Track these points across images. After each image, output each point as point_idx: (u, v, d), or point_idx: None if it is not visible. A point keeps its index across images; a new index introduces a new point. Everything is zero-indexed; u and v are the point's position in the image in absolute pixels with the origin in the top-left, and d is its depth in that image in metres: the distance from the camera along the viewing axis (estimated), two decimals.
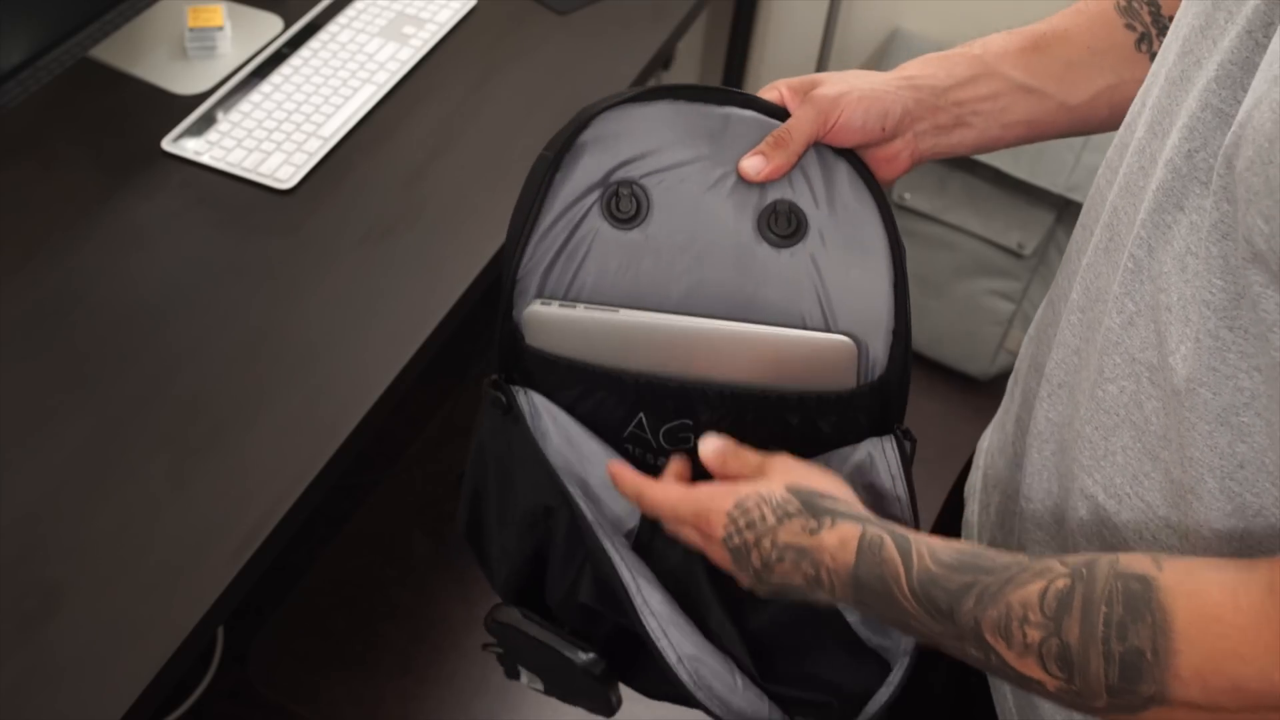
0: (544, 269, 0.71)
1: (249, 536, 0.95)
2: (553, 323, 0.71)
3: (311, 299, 1.13)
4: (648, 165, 0.70)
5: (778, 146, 0.69)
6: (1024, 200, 1.93)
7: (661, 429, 0.74)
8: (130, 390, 1.04)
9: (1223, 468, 0.54)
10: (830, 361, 0.71)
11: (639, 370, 0.71)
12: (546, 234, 0.70)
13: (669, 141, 0.70)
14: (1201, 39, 0.56)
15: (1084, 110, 0.74)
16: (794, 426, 0.72)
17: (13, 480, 0.97)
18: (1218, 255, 0.52)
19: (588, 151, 0.70)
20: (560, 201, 0.70)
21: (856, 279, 0.70)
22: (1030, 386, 0.73)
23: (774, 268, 0.70)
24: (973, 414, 0.93)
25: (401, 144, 1.30)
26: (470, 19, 1.47)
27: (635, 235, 0.70)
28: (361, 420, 1.04)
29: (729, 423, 0.72)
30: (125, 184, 1.22)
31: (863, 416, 0.72)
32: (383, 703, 1.68)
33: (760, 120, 0.70)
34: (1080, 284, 0.65)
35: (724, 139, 0.70)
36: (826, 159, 0.70)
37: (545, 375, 0.73)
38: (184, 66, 1.36)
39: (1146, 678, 0.52)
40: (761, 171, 0.69)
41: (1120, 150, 0.64)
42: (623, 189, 0.70)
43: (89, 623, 0.89)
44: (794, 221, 0.70)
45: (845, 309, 0.70)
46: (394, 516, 1.89)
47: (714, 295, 0.70)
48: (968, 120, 0.73)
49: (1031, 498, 0.70)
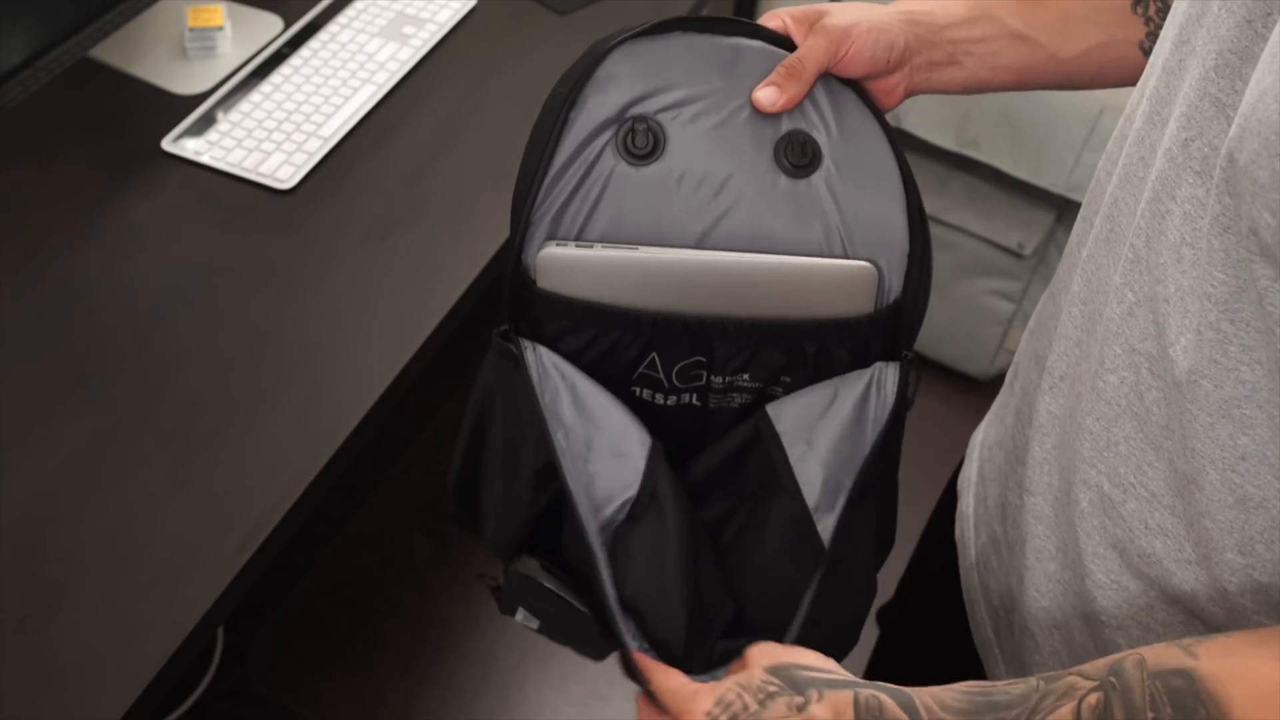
0: (557, 210, 0.69)
1: (249, 536, 0.95)
2: (569, 264, 0.69)
3: (311, 299, 1.13)
4: (662, 101, 0.69)
5: (791, 77, 0.69)
6: (1024, 200, 1.93)
7: (675, 368, 0.73)
8: (130, 390, 1.04)
9: (1224, 459, 0.54)
10: (851, 288, 0.71)
11: (656, 309, 0.70)
12: (561, 174, 0.69)
13: (681, 76, 0.69)
14: (1197, 27, 0.56)
15: (1074, 65, 0.75)
16: (810, 355, 0.72)
17: (13, 480, 0.97)
18: (1219, 248, 0.52)
19: (600, 88, 0.69)
20: (573, 140, 0.69)
21: (871, 205, 0.70)
22: (1031, 379, 0.73)
23: (791, 198, 0.70)
24: (973, 414, 0.93)
25: (401, 144, 1.30)
26: (470, 19, 1.47)
27: (652, 171, 0.69)
28: (361, 420, 1.04)
29: (746, 354, 0.72)
30: (125, 184, 1.22)
31: (876, 341, 0.72)
32: (383, 703, 1.68)
33: (769, 50, 0.70)
34: (1081, 275, 0.65)
35: (735, 71, 0.70)
36: (834, 89, 0.71)
37: (557, 319, 0.71)
38: (184, 66, 1.36)
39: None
40: (777, 102, 0.69)
41: (1120, 141, 0.65)
42: (638, 125, 0.69)
43: (89, 622, 0.89)
44: (809, 151, 0.70)
45: (862, 235, 0.70)
46: (394, 516, 1.89)
47: (732, 229, 0.70)
48: (959, 59, 0.74)
49: (1033, 491, 0.70)
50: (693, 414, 0.75)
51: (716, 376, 0.73)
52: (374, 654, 1.73)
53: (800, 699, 0.60)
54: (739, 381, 0.74)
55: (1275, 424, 0.52)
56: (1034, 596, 0.72)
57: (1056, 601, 0.70)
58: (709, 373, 0.73)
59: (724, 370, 0.73)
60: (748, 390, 0.74)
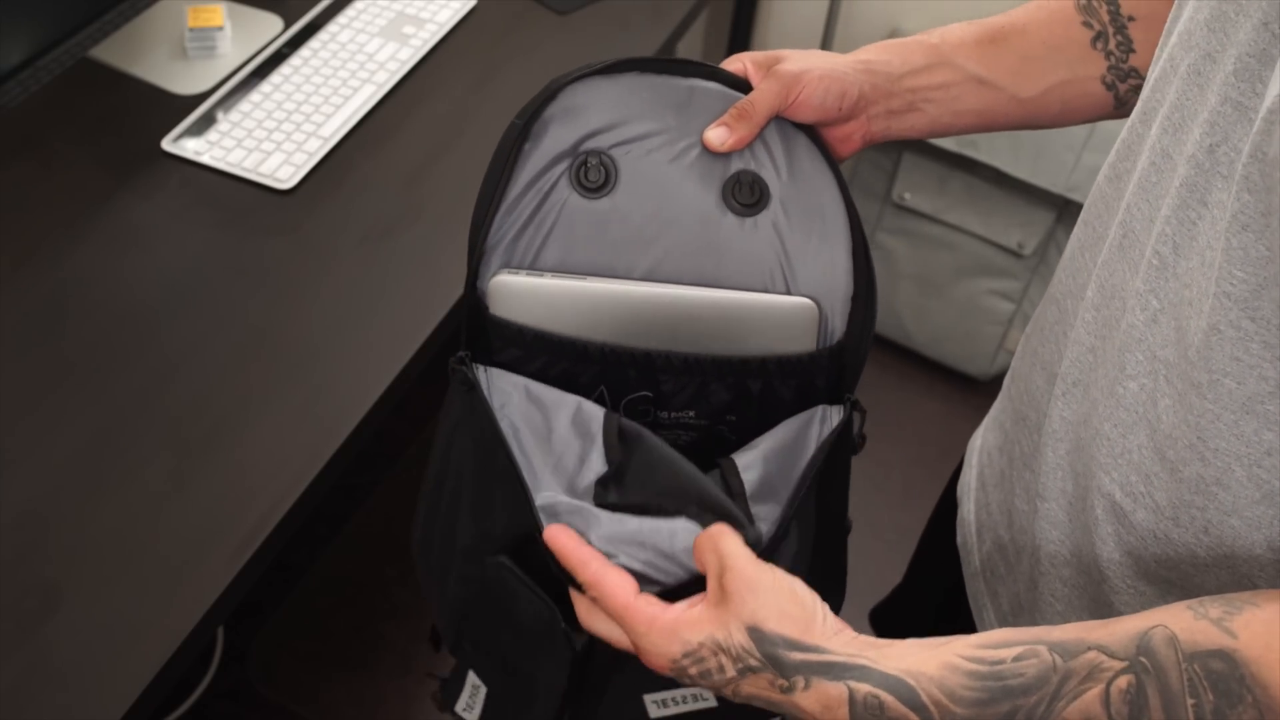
0: (511, 238, 0.71)
1: (249, 536, 0.95)
2: (520, 292, 0.71)
3: (311, 299, 1.13)
4: (615, 136, 0.71)
5: (741, 118, 0.70)
6: (1024, 200, 1.93)
7: (623, 400, 0.75)
8: (130, 390, 1.04)
9: (1250, 455, 0.55)
10: (793, 323, 0.72)
11: (604, 340, 0.72)
12: (516, 203, 0.71)
13: (636, 113, 0.71)
14: (1209, 33, 0.56)
15: (1035, 104, 0.76)
16: (754, 393, 0.74)
17: (13, 480, 0.97)
18: (1237, 247, 0.52)
19: (556, 121, 0.71)
20: (529, 170, 0.71)
21: (816, 246, 0.72)
22: (1036, 385, 0.73)
23: (738, 236, 0.72)
24: (973, 414, 0.94)
25: (401, 144, 1.30)
26: (470, 19, 1.47)
27: (603, 204, 0.71)
28: (361, 420, 1.04)
29: (691, 390, 0.73)
30: (125, 184, 1.22)
31: (820, 381, 0.74)
32: (383, 703, 1.68)
33: (724, 92, 0.72)
34: (1096, 282, 0.65)
35: (689, 110, 0.72)
36: (786, 131, 0.72)
37: (508, 346, 0.73)
38: (184, 66, 1.36)
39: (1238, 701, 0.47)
40: (726, 142, 0.70)
41: (1129, 148, 0.64)
42: (591, 159, 0.71)
43: (89, 623, 0.89)
44: (757, 191, 0.72)
45: (806, 275, 0.72)
46: (394, 516, 1.89)
47: (680, 264, 0.72)
48: (920, 106, 0.75)
49: (1046, 497, 0.70)
50: None
51: (663, 412, 0.75)
52: (374, 654, 1.73)
53: (784, 682, 0.56)
54: (685, 418, 0.75)
55: None
56: (1049, 602, 0.72)
57: (1072, 606, 0.70)
58: (655, 408, 0.74)
59: (669, 406, 0.74)
60: (694, 428, 0.76)
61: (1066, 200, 1.91)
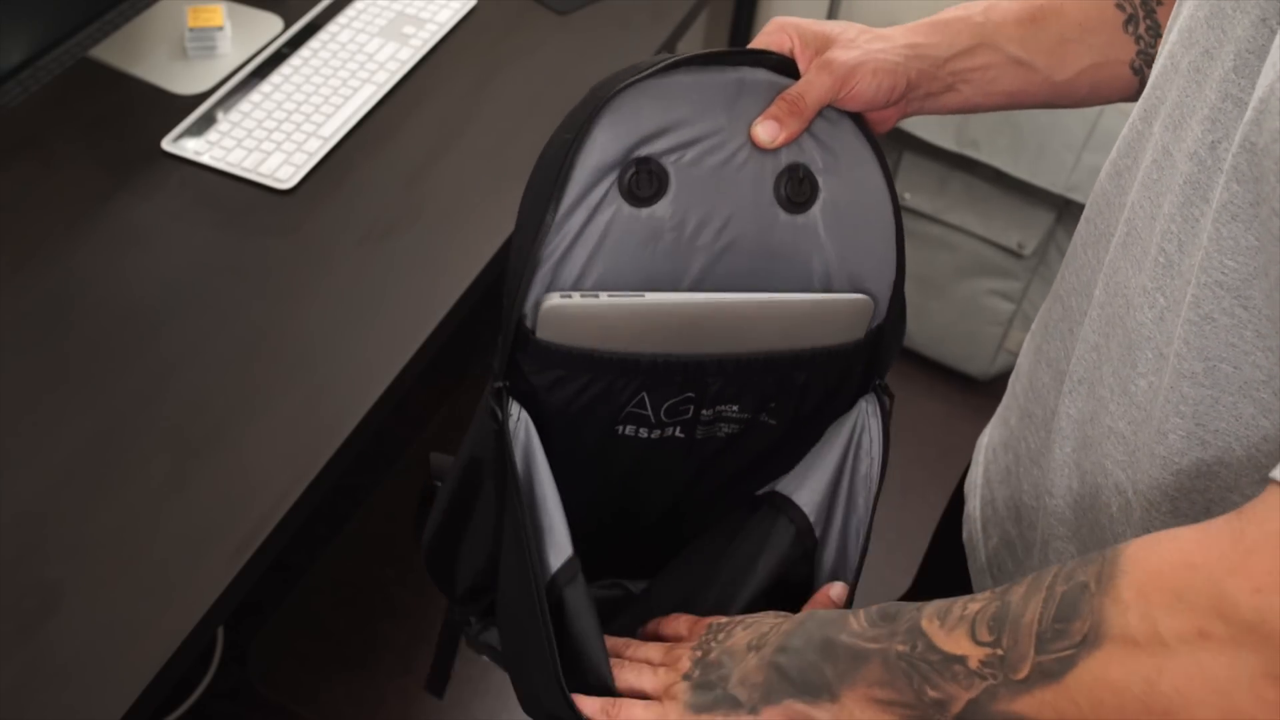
0: (558, 259, 0.68)
1: (249, 536, 0.95)
2: (573, 315, 0.68)
3: (311, 299, 1.13)
4: (666, 142, 0.68)
5: (792, 113, 0.69)
6: (1024, 200, 1.93)
7: (664, 405, 0.73)
8: (130, 390, 1.04)
9: (1249, 437, 0.55)
10: (846, 319, 0.72)
11: (654, 352, 0.70)
12: (564, 221, 0.67)
13: (686, 115, 0.68)
14: (1208, 30, 0.56)
15: (1066, 86, 0.76)
16: (798, 384, 0.74)
17: (13, 480, 0.97)
18: (1228, 237, 0.52)
19: (604, 130, 0.67)
20: (577, 185, 0.67)
21: (865, 237, 0.71)
22: (1043, 383, 0.73)
23: (790, 234, 0.70)
24: (973, 414, 0.93)
25: (401, 144, 1.30)
26: (470, 19, 1.47)
27: (654, 212, 0.69)
28: (361, 420, 1.04)
29: (736, 388, 0.73)
30: (125, 184, 1.22)
31: (859, 366, 0.74)
32: (383, 703, 1.68)
33: (772, 81, 0.70)
34: (1103, 281, 0.65)
35: (738, 106, 0.69)
36: (831, 118, 0.71)
37: (552, 368, 0.70)
38: (184, 66, 1.36)
39: (1083, 610, 0.49)
40: (776, 139, 0.69)
41: (1130, 146, 0.64)
42: (641, 168, 0.68)
43: (89, 623, 0.89)
44: (808, 186, 0.70)
45: (855, 267, 0.72)
46: (394, 516, 1.89)
47: (731, 267, 0.70)
48: (956, 87, 0.74)
49: (1054, 494, 0.70)
50: (675, 445, 0.76)
51: (705, 409, 0.74)
52: (374, 654, 1.73)
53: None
54: (727, 412, 0.74)
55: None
56: None
57: None
58: (697, 406, 0.73)
59: (713, 403, 0.73)
60: (735, 420, 0.75)
61: (1066, 200, 1.91)
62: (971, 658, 0.53)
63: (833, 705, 0.58)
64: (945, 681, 0.55)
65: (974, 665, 0.53)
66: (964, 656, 0.53)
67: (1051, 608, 0.50)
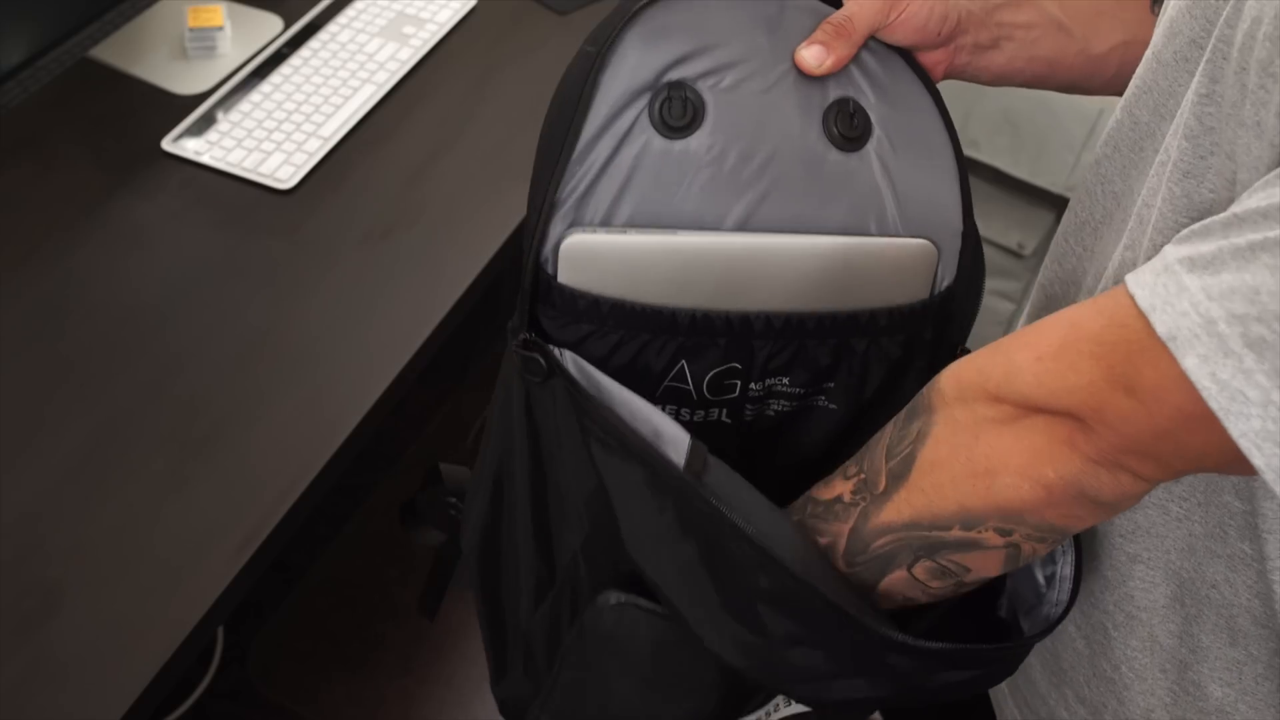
0: (581, 193, 0.61)
1: (249, 536, 0.95)
2: (598, 254, 0.61)
3: (311, 299, 1.13)
4: (701, 65, 0.61)
5: (839, 35, 0.63)
6: (1024, 200, 1.93)
7: (707, 377, 0.65)
8: (130, 390, 1.04)
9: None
10: (909, 270, 0.65)
11: (693, 305, 0.63)
12: (588, 150, 0.60)
13: (722, 36, 0.62)
14: (1192, 19, 0.56)
15: (1099, 61, 0.73)
16: (859, 354, 0.66)
17: (13, 480, 0.97)
18: (1180, 195, 0.52)
19: (634, 48, 0.61)
20: (603, 109, 0.60)
21: (926, 180, 0.65)
22: None
23: (841, 173, 0.63)
24: None
25: (401, 144, 1.30)
26: (470, 19, 1.47)
27: (689, 144, 0.61)
28: (361, 420, 1.04)
29: (788, 355, 0.65)
30: (125, 184, 1.22)
31: (929, 332, 0.67)
32: (383, 703, 1.68)
33: (817, 7, 0.64)
34: (1093, 271, 0.66)
35: (780, 30, 0.63)
36: (882, 52, 0.65)
37: (577, 321, 0.63)
38: (184, 66, 1.36)
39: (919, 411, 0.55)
40: (824, 64, 0.62)
41: (1119, 136, 0.64)
42: (674, 93, 0.61)
43: (89, 622, 0.89)
44: (860, 121, 0.63)
45: (916, 213, 0.65)
46: (394, 516, 1.89)
47: (779, 209, 0.62)
48: (1001, 44, 0.71)
49: None
50: (722, 432, 0.68)
51: (754, 383, 0.66)
52: (374, 654, 1.73)
53: None
54: (778, 386, 0.67)
55: None
56: None
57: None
58: (744, 381, 0.66)
59: (762, 375, 0.66)
60: (787, 397, 0.68)
61: (1066, 200, 1.91)
62: (845, 494, 0.57)
63: None
64: (829, 524, 0.59)
65: (847, 499, 0.57)
66: (839, 496, 0.58)
67: (899, 426, 0.56)
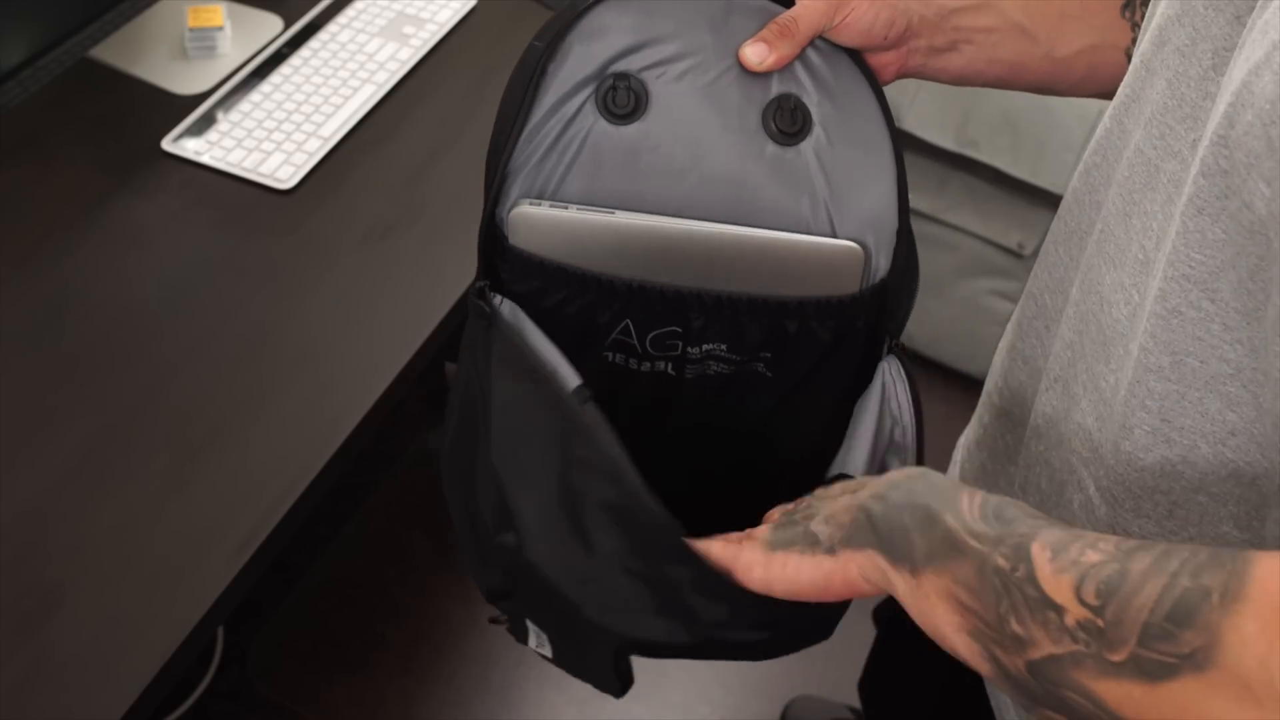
0: (532, 166, 0.66)
1: (249, 536, 0.95)
2: (542, 224, 0.67)
3: (311, 299, 1.13)
4: (646, 57, 0.66)
5: (783, 35, 0.66)
6: (1024, 200, 1.93)
7: (649, 335, 0.71)
8: (130, 390, 1.04)
9: (1214, 434, 0.55)
10: (835, 267, 0.68)
11: (631, 277, 0.68)
12: (538, 129, 0.66)
13: (667, 31, 0.66)
14: (1180, 28, 0.56)
15: (1064, 65, 0.74)
16: (791, 333, 0.70)
17: (13, 480, 0.97)
18: (1194, 230, 0.52)
19: (581, 42, 0.66)
20: (552, 95, 0.65)
21: (860, 178, 0.68)
22: (1019, 380, 0.73)
23: (778, 166, 0.67)
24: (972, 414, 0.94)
25: (401, 144, 1.30)
26: (470, 19, 1.47)
27: (632, 132, 0.66)
28: (362, 420, 1.04)
29: (722, 328, 0.70)
30: (125, 184, 1.22)
31: (861, 321, 0.70)
32: (383, 703, 1.68)
33: (764, 6, 0.67)
34: (1080, 280, 0.65)
35: (726, 28, 0.67)
36: (827, 52, 0.68)
37: (528, 278, 0.69)
38: (184, 66, 1.36)
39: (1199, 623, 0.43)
40: (765, 61, 0.65)
41: (1107, 145, 0.65)
42: (619, 82, 0.66)
43: (89, 622, 0.89)
44: (799, 118, 0.67)
45: (850, 210, 0.68)
46: (394, 516, 1.89)
47: (715, 196, 0.67)
48: (959, 47, 0.72)
49: (1027, 491, 0.71)
50: (668, 382, 0.73)
51: (693, 347, 0.71)
52: (374, 654, 1.73)
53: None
54: (717, 351, 0.71)
55: (1260, 402, 0.52)
56: None
57: None
58: (684, 343, 0.71)
59: (700, 340, 0.71)
60: (725, 361, 0.72)
61: None
62: (1070, 613, 0.48)
63: (911, 579, 0.53)
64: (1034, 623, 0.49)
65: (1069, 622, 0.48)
66: (1063, 608, 0.48)
67: (1168, 602, 0.45)
